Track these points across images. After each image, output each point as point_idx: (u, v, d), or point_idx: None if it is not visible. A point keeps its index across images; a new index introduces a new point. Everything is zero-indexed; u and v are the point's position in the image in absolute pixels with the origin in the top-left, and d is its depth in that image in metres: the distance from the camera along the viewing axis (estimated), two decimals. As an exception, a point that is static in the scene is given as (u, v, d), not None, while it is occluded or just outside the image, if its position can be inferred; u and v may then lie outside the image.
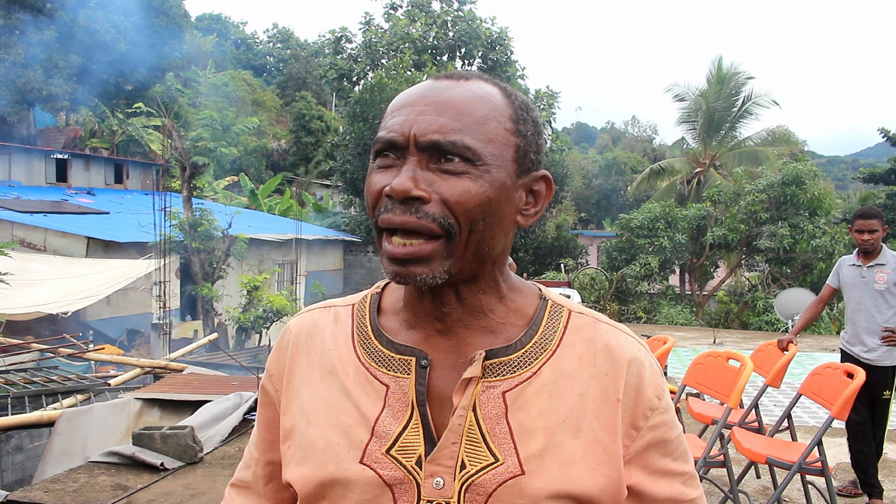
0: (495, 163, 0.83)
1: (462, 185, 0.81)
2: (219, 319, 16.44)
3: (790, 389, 7.94)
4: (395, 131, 0.83)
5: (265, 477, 1.01)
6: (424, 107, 0.83)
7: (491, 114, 0.85)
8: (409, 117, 0.83)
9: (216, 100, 31.47)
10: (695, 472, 0.94)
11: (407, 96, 0.87)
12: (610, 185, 39.78)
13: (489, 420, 0.84)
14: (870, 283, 4.33)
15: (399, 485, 0.84)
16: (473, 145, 0.82)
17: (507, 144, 0.85)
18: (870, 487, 4.30)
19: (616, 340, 0.90)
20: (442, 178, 0.81)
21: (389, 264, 0.83)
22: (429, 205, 0.81)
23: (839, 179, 56.95)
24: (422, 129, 0.82)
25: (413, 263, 0.81)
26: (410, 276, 0.82)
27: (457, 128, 0.82)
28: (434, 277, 0.82)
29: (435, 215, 0.80)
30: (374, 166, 0.86)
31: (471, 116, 0.83)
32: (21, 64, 21.88)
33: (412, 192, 0.80)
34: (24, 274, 12.51)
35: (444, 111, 0.83)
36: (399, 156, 0.84)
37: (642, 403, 0.88)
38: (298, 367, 0.94)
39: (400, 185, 0.80)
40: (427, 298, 0.88)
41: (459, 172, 0.81)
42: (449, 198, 0.81)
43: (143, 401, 6.64)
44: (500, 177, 0.84)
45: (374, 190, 0.85)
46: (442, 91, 0.85)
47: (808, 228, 17.31)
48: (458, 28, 24.44)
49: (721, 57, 24.79)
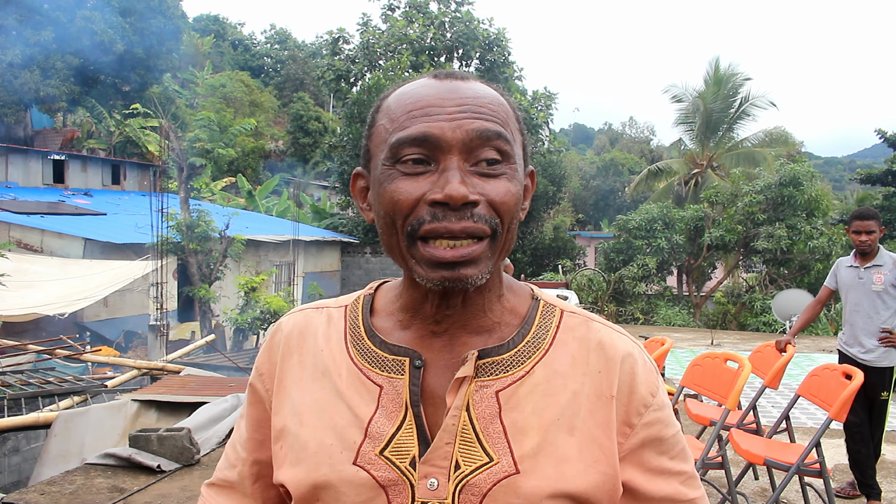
0: (518, 162, 0.85)
1: (503, 186, 0.82)
2: (216, 321, 16.42)
3: (788, 391, 7.95)
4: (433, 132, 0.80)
5: (252, 476, 0.99)
6: (456, 107, 0.82)
7: (508, 114, 0.86)
8: (443, 118, 0.81)
9: (214, 101, 31.46)
10: (695, 472, 0.93)
11: (426, 97, 0.83)
12: (607, 186, 39.83)
13: (483, 420, 0.84)
14: (867, 284, 4.33)
15: (393, 486, 0.83)
16: (510, 140, 0.83)
17: (520, 143, 0.88)
18: (868, 489, 4.30)
19: (609, 338, 0.90)
20: (483, 180, 0.81)
21: (435, 269, 0.81)
22: (478, 207, 0.80)
23: (836, 180, 57.05)
24: (464, 130, 0.81)
25: (463, 266, 0.81)
26: (461, 279, 0.81)
27: (498, 127, 0.82)
28: (482, 277, 0.82)
29: (486, 217, 0.81)
30: (396, 173, 0.82)
31: (499, 115, 0.84)
32: (18, 65, 21.84)
33: (469, 197, 0.79)
34: (21, 275, 12.49)
35: (478, 110, 0.82)
36: (430, 159, 0.81)
37: (636, 400, 0.87)
38: (290, 367, 0.93)
39: (457, 191, 0.78)
40: (431, 302, 0.87)
41: (498, 174, 0.82)
42: (495, 199, 0.81)
43: (140, 402, 6.62)
44: (520, 175, 0.86)
45: (407, 199, 0.81)
46: (464, 91, 0.83)
47: (806, 229, 17.34)
48: (455, 29, 24.42)
49: (718, 58, 24.81)
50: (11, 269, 11.84)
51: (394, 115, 0.84)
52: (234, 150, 28.47)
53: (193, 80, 35.08)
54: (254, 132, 31.25)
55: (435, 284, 0.82)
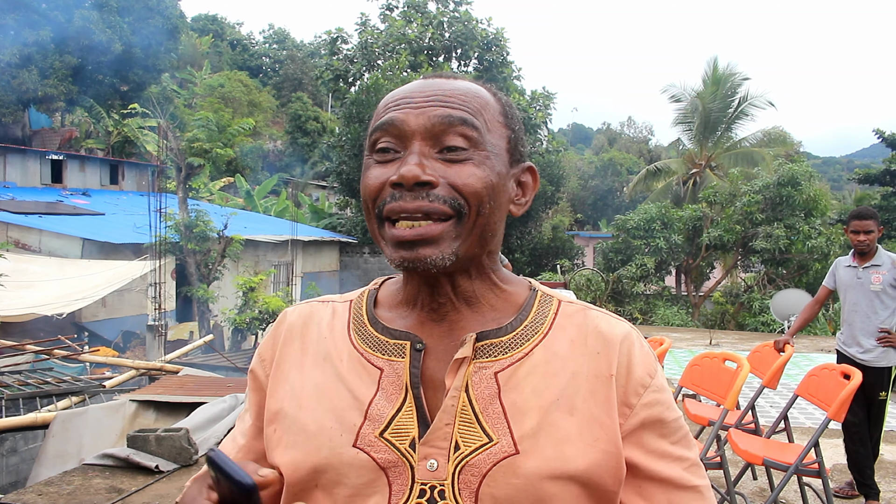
0: (494, 150, 0.87)
1: (467, 170, 0.84)
2: (214, 321, 16.40)
3: (787, 391, 7.95)
4: (398, 117, 0.85)
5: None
6: (424, 97, 0.86)
7: (486, 105, 0.89)
8: (409, 107, 0.85)
9: (212, 101, 31.43)
10: (699, 461, 0.92)
11: (403, 90, 0.89)
12: (606, 186, 39.85)
13: (482, 400, 0.84)
14: (865, 284, 4.33)
15: (393, 467, 0.83)
16: (478, 125, 0.85)
17: (501, 135, 0.89)
18: (866, 489, 4.30)
19: (606, 322, 0.92)
20: (447, 165, 0.84)
21: (396, 249, 0.84)
22: (437, 188, 0.82)
23: (834, 180, 57.08)
24: (428, 116, 0.84)
25: (422, 245, 0.82)
26: (420, 259, 0.83)
27: (463, 114, 0.85)
28: (443, 258, 0.83)
29: (445, 197, 0.82)
30: (371, 161, 0.88)
31: (471, 104, 0.86)
32: (16, 64, 21.81)
33: (422, 177, 0.82)
34: (19, 275, 12.48)
35: (445, 100, 0.86)
36: (399, 147, 0.85)
37: (633, 381, 0.88)
38: (290, 352, 0.94)
39: (409, 171, 0.82)
40: (424, 292, 0.89)
41: (463, 160, 0.84)
42: (456, 181, 0.83)
43: (139, 403, 6.61)
44: (498, 165, 0.87)
45: (375, 183, 0.86)
46: (439, 84, 0.88)
47: (804, 229, 17.35)
48: (454, 29, 24.41)
49: (717, 58, 24.78)
50: (9, 269, 11.82)
51: (377, 113, 0.89)
52: (233, 149, 28.40)
53: (192, 80, 35.08)
54: (252, 132, 31.18)
55: (398, 265, 0.85)
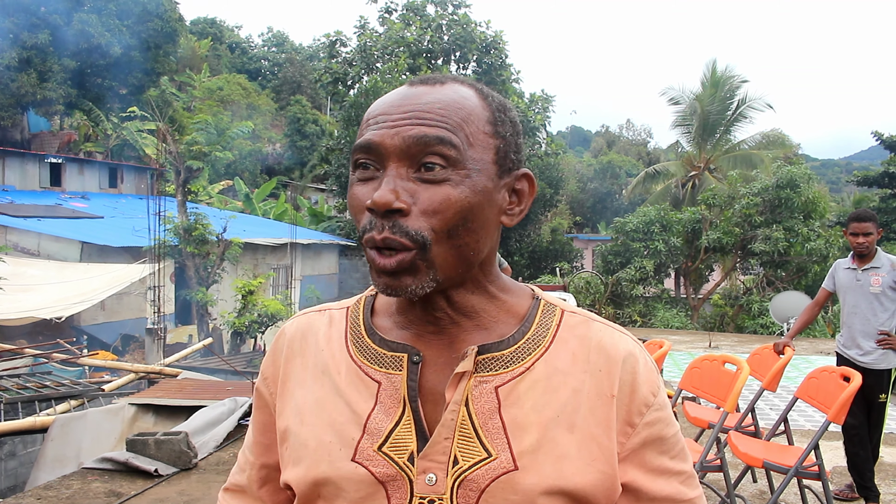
0: (475, 167, 0.83)
1: (442, 193, 0.80)
2: (213, 324, 16.39)
3: (786, 393, 7.94)
4: (374, 139, 0.82)
5: (260, 480, 1.00)
6: (401, 115, 0.83)
7: (469, 117, 0.84)
8: (386, 125, 0.82)
9: (211, 104, 31.46)
10: (693, 471, 0.93)
11: (382, 105, 0.85)
12: (605, 188, 39.85)
13: (482, 415, 0.83)
14: (865, 286, 4.33)
15: (391, 482, 0.83)
16: (456, 143, 0.81)
17: (487, 147, 0.85)
18: (866, 491, 4.30)
19: (610, 337, 0.90)
20: (423, 187, 0.81)
21: (380, 276, 0.83)
22: (407, 218, 0.80)
23: (833, 182, 57.13)
24: (402, 137, 0.81)
25: (403, 274, 0.81)
26: (401, 287, 0.81)
27: (440, 132, 0.81)
28: (423, 287, 0.82)
29: (408, 230, 0.80)
30: (354, 178, 0.86)
31: (451, 119, 0.82)
32: (15, 68, 21.82)
33: (393, 204, 0.79)
34: (18, 279, 12.48)
35: (423, 117, 0.82)
36: (378, 166, 0.83)
37: (637, 400, 0.87)
38: (293, 369, 0.94)
39: (381, 197, 0.79)
40: (419, 305, 0.88)
41: (440, 180, 0.81)
42: (428, 207, 0.80)
43: (138, 406, 6.61)
44: (481, 181, 0.83)
45: (357, 204, 0.84)
46: (417, 98, 0.84)
47: (803, 231, 17.36)
48: (452, 32, 24.43)
49: (715, 61, 24.77)
50: (8, 273, 11.82)
51: (361, 125, 0.87)
52: (232, 153, 28.46)
53: (191, 83, 35.08)
54: (251, 135, 31.27)
55: (381, 290, 0.83)
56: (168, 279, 15.57)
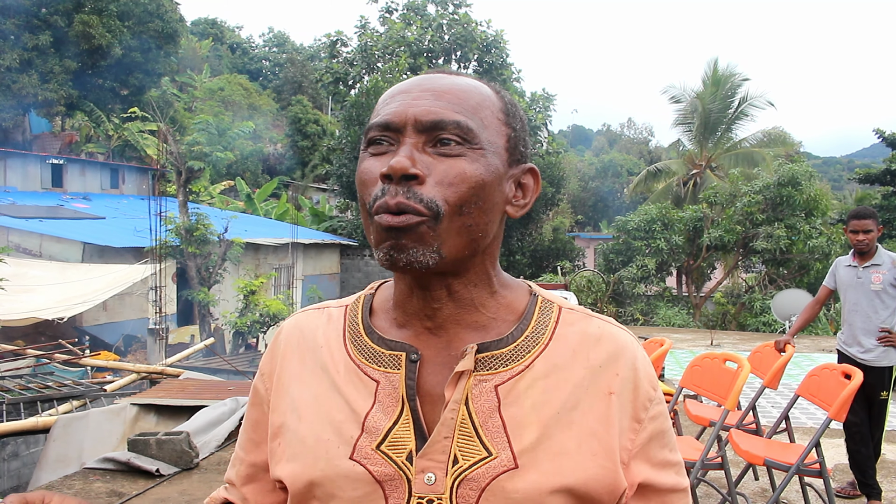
0: (490, 148, 0.85)
1: (458, 167, 0.82)
2: (215, 324, 16.41)
3: (788, 391, 7.94)
4: (392, 114, 0.84)
5: (245, 478, 1.00)
6: (421, 92, 0.85)
7: (485, 102, 0.87)
8: (405, 101, 0.84)
9: (212, 104, 31.49)
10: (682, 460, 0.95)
11: (401, 86, 0.88)
12: (606, 187, 39.88)
13: (482, 414, 0.83)
14: (866, 283, 4.33)
15: (390, 481, 0.83)
16: (472, 126, 0.83)
17: (500, 133, 0.87)
18: (868, 488, 4.30)
19: (609, 333, 0.90)
20: (438, 160, 0.82)
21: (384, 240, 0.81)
22: (422, 186, 0.81)
23: (835, 180, 57.08)
24: (421, 111, 0.83)
25: (408, 236, 0.80)
26: (405, 250, 0.80)
27: (456, 110, 0.83)
28: (426, 257, 0.81)
29: (423, 196, 0.80)
30: (366, 154, 0.86)
31: (467, 101, 0.85)
32: (16, 69, 21.84)
33: (409, 170, 0.80)
34: (20, 279, 12.49)
35: (442, 96, 0.84)
36: (394, 141, 0.84)
37: (641, 395, 0.88)
38: (289, 365, 0.94)
39: (398, 162, 0.80)
40: (417, 296, 0.88)
41: (455, 154, 0.82)
42: (443, 179, 0.81)
43: (139, 406, 6.61)
44: (494, 162, 0.85)
45: (369, 176, 0.84)
46: (436, 80, 0.87)
47: (805, 229, 17.35)
48: (453, 31, 24.44)
49: (717, 59, 24.80)
50: (10, 274, 11.83)
51: (376, 108, 0.88)
52: (233, 153, 28.49)
53: (192, 84, 35.11)
54: (252, 135, 31.26)
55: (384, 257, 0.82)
56: (170, 279, 15.58)
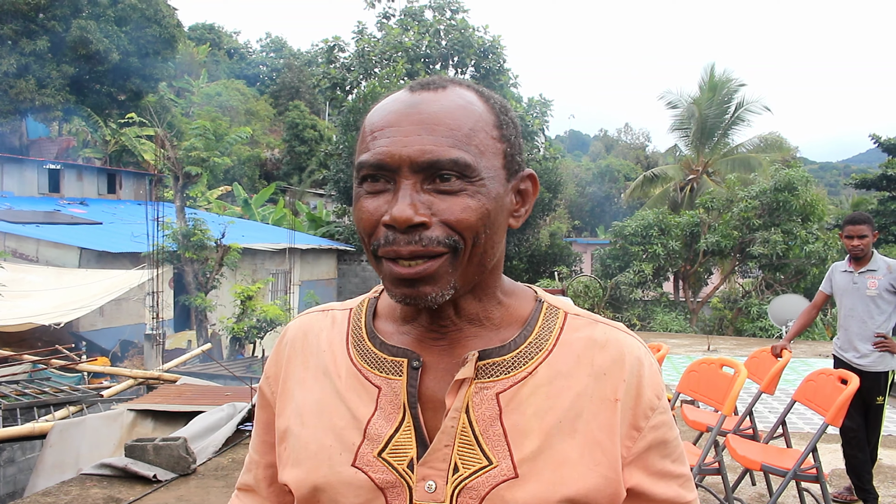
0: (489, 175, 0.82)
1: (461, 204, 0.80)
2: (212, 330, 16.37)
3: (784, 396, 7.94)
4: (384, 154, 0.80)
5: (266, 479, 1.01)
6: (411, 126, 0.80)
7: (477, 125, 0.83)
8: (396, 138, 0.80)
9: (209, 109, 31.48)
10: (690, 474, 0.93)
11: (388, 115, 0.83)
12: (603, 192, 39.92)
13: (483, 422, 0.83)
14: (861, 289, 4.34)
15: (391, 488, 0.83)
16: (470, 161, 0.80)
17: (496, 153, 0.84)
18: (865, 493, 4.30)
19: (615, 339, 0.89)
20: (440, 198, 0.80)
21: (397, 286, 0.81)
22: (430, 229, 0.79)
23: (831, 185, 57.23)
24: (415, 151, 0.79)
25: (422, 283, 0.80)
26: (420, 296, 0.80)
27: (450, 145, 0.80)
28: (442, 295, 0.81)
29: (439, 238, 0.79)
30: (362, 191, 0.83)
31: (460, 131, 0.81)
32: (13, 74, 21.84)
33: (414, 220, 0.78)
34: (17, 285, 12.46)
35: (434, 129, 0.80)
36: (389, 179, 0.81)
37: (643, 403, 0.87)
38: (294, 369, 0.94)
39: (401, 213, 0.78)
40: (425, 314, 0.87)
41: (456, 191, 0.80)
42: (450, 218, 0.79)
43: (136, 412, 6.60)
44: (495, 188, 0.82)
45: (368, 218, 0.82)
46: (425, 106, 0.82)
47: (801, 234, 17.38)
48: (450, 37, 24.48)
49: (713, 64, 24.87)
50: (7, 279, 11.81)
51: (364, 134, 0.84)
52: (230, 158, 28.44)
53: (189, 89, 35.14)
54: (249, 141, 31.25)
55: (399, 301, 0.82)
56: (167, 285, 15.55)
